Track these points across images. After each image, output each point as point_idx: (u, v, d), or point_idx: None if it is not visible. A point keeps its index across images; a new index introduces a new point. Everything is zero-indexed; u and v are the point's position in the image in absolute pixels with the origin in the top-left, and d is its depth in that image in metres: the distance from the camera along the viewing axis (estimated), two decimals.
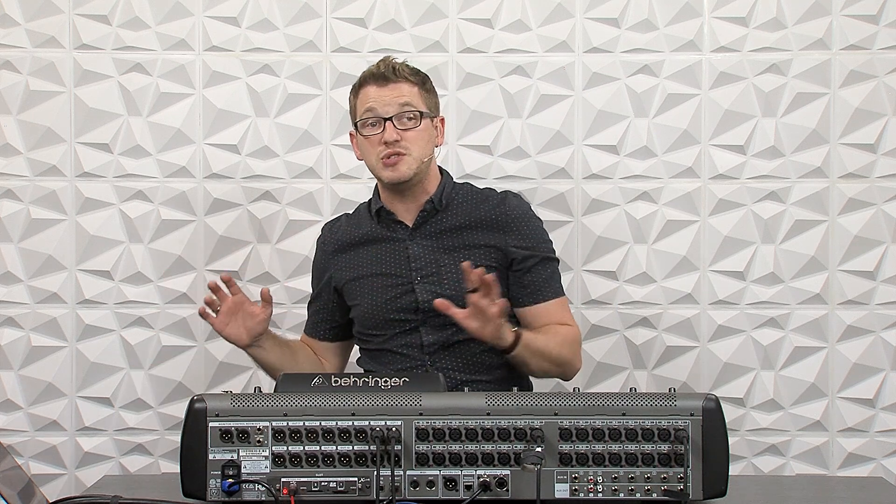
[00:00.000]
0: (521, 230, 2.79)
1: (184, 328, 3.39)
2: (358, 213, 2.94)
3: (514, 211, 2.81)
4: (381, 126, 2.72)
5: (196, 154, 3.39)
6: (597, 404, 2.11)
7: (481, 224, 2.79)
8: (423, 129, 2.75)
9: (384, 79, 2.74)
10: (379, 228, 2.84)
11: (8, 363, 3.38)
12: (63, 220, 3.38)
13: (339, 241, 2.90)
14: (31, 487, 2.06)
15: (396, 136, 2.71)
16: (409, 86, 2.75)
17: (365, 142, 2.76)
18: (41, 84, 3.37)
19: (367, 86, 2.76)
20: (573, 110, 3.39)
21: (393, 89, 2.74)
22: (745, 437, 3.40)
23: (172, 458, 3.28)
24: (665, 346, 3.40)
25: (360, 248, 2.85)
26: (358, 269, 2.84)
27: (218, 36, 3.39)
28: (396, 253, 2.80)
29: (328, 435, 2.10)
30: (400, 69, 2.76)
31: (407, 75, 2.76)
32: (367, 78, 2.77)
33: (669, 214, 3.39)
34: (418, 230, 2.80)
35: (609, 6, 3.39)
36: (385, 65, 2.76)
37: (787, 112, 3.38)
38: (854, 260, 3.38)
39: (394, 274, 2.79)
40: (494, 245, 2.78)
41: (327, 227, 2.98)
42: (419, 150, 2.74)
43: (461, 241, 2.78)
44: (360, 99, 2.77)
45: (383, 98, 2.73)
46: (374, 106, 2.73)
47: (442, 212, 2.80)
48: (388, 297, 2.78)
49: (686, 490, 2.08)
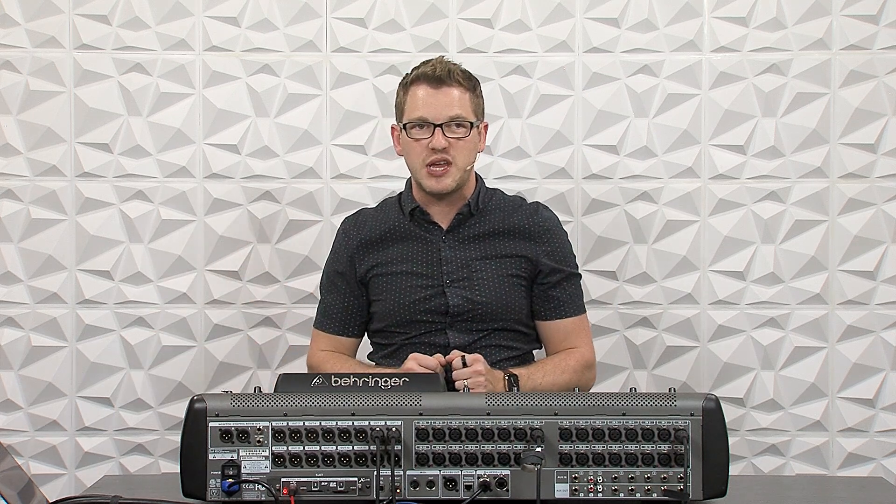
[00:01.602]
0: (551, 242, 2.84)
1: (184, 328, 3.39)
2: (385, 208, 2.92)
3: (546, 223, 2.85)
4: (430, 131, 2.72)
5: (196, 154, 3.39)
6: (597, 404, 2.11)
7: (513, 233, 2.82)
8: (470, 139, 2.76)
9: (438, 81, 2.74)
10: (411, 226, 2.83)
11: (8, 363, 3.38)
12: (63, 220, 3.38)
13: (366, 234, 2.87)
14: (31, 487, 2.06)
15: (445, 143, 2.72)
16: (461, 91, 2.76)
17: (410, 142, 2.76)
18: (41, 84, 3.37)
19: (420, 85, 2.76)
20: (573, 110, 3.39)
21: (445, 94, 2.74)
22: (745, 437, 3.39)
23: (172, 458, 3.28)
24: (665, 346, 3.40)
25: (390, 245, 2.84)
26: (386, 266, 2.82)
27: (218, 36, 3.39)
28: (428, 254, 2.81)
29: (328, 435, 2.09)
30: (454, 73, 2.75)
31: (460, 80, 2.76)
32: (420, 77, 2.76)
33: (669, 214, 3.39)
34: (452, 233, 2.81)
35: (609, 6, 3.39)
36: (441, 67, 2.76)
37: (787, 112, 3.38)
38: (854, 260, 3.38)
39: (424, 274, 2.79)
40: (525, 255, 2.81)
41: (350, 220, 2.94)
42: (464, 159, 2.76)
43: (493, 249, 2.81)
44: (409, 97, 2.77)
45: (435, 103, 2.73)
46: (426, 112, 2.73)
47: (476, 216, 2.82)
48: (416, 298, 2.78)
49: (686, 490, 2.07)
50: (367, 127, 3.39)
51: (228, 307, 3.39)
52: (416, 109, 2.75)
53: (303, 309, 3.38)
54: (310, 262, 3.38)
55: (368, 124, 3.39)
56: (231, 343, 3.39)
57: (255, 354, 3.40)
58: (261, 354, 3.40)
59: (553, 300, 2.82)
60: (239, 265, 3.39)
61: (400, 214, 2.86)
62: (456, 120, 2.74)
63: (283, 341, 3.39)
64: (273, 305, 3.39)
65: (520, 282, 2.80)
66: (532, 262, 2.81)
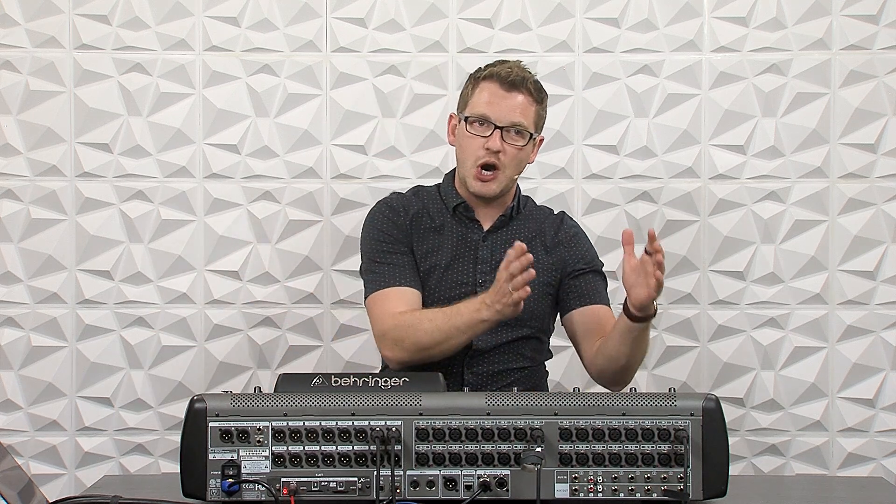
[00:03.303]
0: (578, 246, 2.85)
1: (184, 328, 3.39)
2: (423, 197, 2.85)
3: (571, 230, 2.88)
4: (490, 130, 2.71)
5: (196, 154, 3.39)
6: (597, 404, 2.11)
7: (545, 242, 2.82)
8: (525, 150, 2.75)
9: (510, 85, 2.72)
10: (452, 221, 2.81)
11: (8, 363, 3.38)
12: (63, 220, 3.38)
13: (415, 213, 2.81)
14: (31, 487, 2.06)
15: (500, 147, 2.71)
16: (530, 101, 2.74)
17: (467, 136, 2.74)
18: (41, 84, 3.37)
19: (491, 83, 2.74)
20: (573, 110, 3.39)
21: (514, 99, 2.73)
22: (745, 437, 3.39)
23: (172, 458, 3.28)
24: (665, 346, 3.40)
25: (429, 234, 2.80)
26: (427, 256, 2.77)
27: (218, 36, 3.39)
28: (466, 251, 2.79)
29: (328, 435, 2.09)
30: (528, 81, 2.74)
31: (531, 89, 2.75)
32: (493, 76, 2.75)
33: (670, 214, 3.39)
34: (491, 235, 2.80)
35: (609, 6, 3.39)
36: (516, 71, 2.74)
37: (787, 112, 3.38)
38: (854, 260, 3.38)
39: (460, 270, 2.78)
40: (554, 264, 2.81)
41: (394, 197, 2.85)
42: (514, 168, 2.76)
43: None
44: (478, 91, 2.75)
45: (502, 105, 2.72)
46: (490, 111, 2.71)
47: (514, 220, 2.82)
48: (449, 296, 2.74)
49: (686, 490, 2.08)
50: (367, 127, 3.39)
51: (228, 307, 3.39)
52: (481, 106, 2.73)
53: (303, 309, 3.38)
54: (310, 262, 3.38)
55: (368, 124, 3.39)
56: (231, 343, 3.39)
57: (255, 354, 3.40)
58: (261, 354, 3.40)
59: (580, 289, 2.81)
60: (239, 265, 3.39)
61: (440, 205, 2.83)
62: (517, 127, 2.72)
63: (283, 341, 3.39)
64: (273, 305, 3.39)
65: (548, 290, 2.80)
66: (559, 269, 2.81)
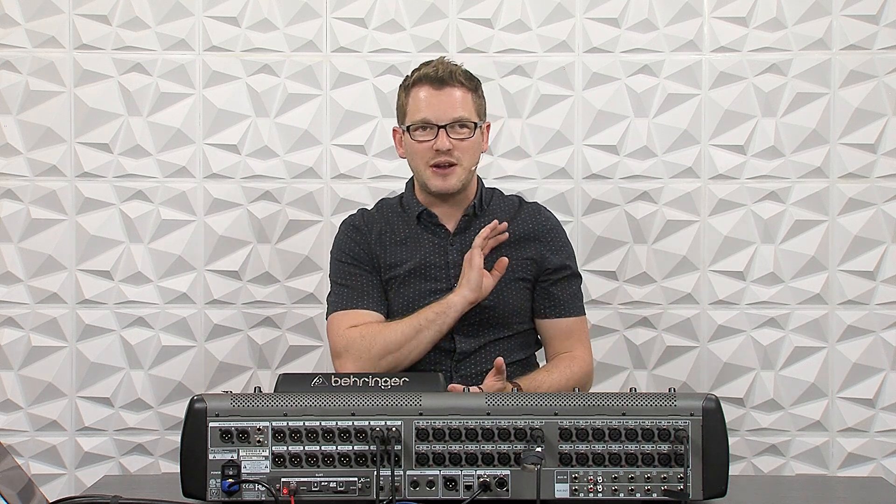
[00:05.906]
0: (555, 242, 2.84)
1: (184, 328, 3.39)
2: (385, 210, 2.87)
3: (548, 222, 2.86)
4: (434, 133, 2.72)
5: (196, 154, 3.39)
6: (597, 404, 2.11)
7: (520, 236, 2.81)
8: (474, 140, 2.76)
9: (441, 82, 2.73)
10: (418, 229, 2.82)
11: (8, 363, 3.38)
12: (63, 220, 3.38)
13: (378, 231, 2.83)
14: (31, 487, 2.06)
15: (449, 145, 2.72)
16: (464, 92, 2.75)
17: (414, 144, 2.75)
18: (41, 84, 3.37)
19: (422, 86, 2.75)
20: (573, 110, 3.39)
21: (448, 95, 2.73)
22: (745, 437, 3.39)
23: (172, 458, 3.28)
24: (665, 346, 3.40)
25: (397, 247, 2.81)
26: (394, 268, 2.79)
27: (218, 36, 3.39)
28: (436, 256, 2.79)
29: (328, 435, 2.09)
30: (456, 73, 2.75)
31: (462, 80, 2.75)
32: (422, 78, 2.76)
33: (669, 214, 3.39)
34: (459, 236, 2.80)
35: (609, 6, 3.39)
36: (443, 68, 2.75)
37: (787, 112, 3.38)
38: (854, 260, 3.38)
39: (433, 277, 2.78)
40: (531, 257, 2.81)
41: (357, 215, 2.88)
42: (469, 160, 2.76)
43: (500, 252, 2.76)
44: (412, 99, 2.76)
45: (438, 104, 2.72)
46: (429, 113, 2.72)
47: (481, 217, 2.81)
48: (425, 302, 2.74)
49: (686, 490, 2.07)
50: (367, 127, 3.39)
51: (228, 307, 3.39)
52: (418, 111, 2.74)
53: (303, 309, 3.38)
54: (310, 262, 3.38)
55: (368, 124, 3.39)
56: (231, 343, 3.39)
57: (255, 354, 3.40)
58: (261, 354, 3.40)
59: (555, 298, 2.82)
60: (239, 265, 3.39)
61: (403, 216, 2.84)
62: (459, 121, 2.73)
63: (283, 341, 3.39)
64: (273, 305, 3.39)
65: (525, 285, 2.80)
66: (537, 263, 2.81)
